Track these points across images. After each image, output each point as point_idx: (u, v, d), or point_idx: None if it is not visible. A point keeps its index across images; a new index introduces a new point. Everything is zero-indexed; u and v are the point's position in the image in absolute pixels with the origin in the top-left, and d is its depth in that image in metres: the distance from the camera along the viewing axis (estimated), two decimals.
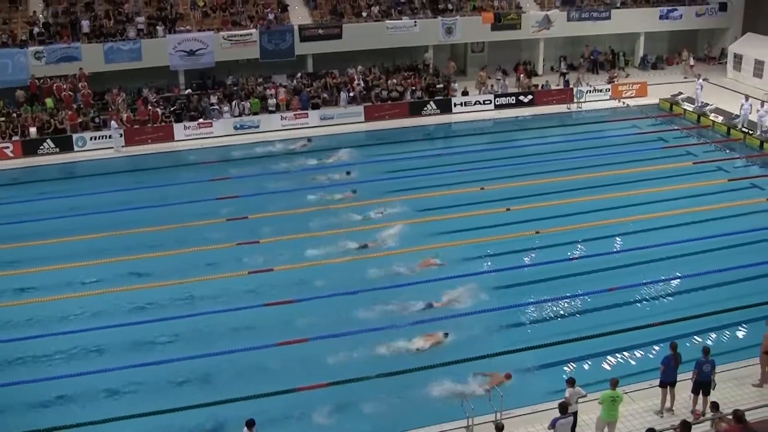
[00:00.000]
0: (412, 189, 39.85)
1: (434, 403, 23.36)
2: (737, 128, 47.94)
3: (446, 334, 26.57)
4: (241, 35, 51.54)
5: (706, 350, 22.33)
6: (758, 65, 56.88)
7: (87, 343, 26.98)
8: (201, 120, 48.55)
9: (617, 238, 34.51)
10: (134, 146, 46.50)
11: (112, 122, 46.43)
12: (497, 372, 24.40)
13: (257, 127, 49.26)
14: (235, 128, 48.91)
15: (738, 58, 58.89)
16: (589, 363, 25.40)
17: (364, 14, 55.14)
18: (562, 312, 28.84)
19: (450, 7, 57.16)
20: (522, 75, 56.82)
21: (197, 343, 26.88)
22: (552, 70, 60.90)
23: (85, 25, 50.06)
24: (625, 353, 26.23)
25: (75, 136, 46.13)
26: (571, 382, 21.39)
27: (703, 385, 22.14)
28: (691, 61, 60.60)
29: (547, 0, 59.80)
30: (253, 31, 51.88)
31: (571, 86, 55.46)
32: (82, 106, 47.81)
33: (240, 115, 49.47)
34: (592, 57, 60.89)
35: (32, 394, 24.48)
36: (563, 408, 20.16)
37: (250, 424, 20.16)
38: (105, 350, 26.71)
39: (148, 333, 27.49)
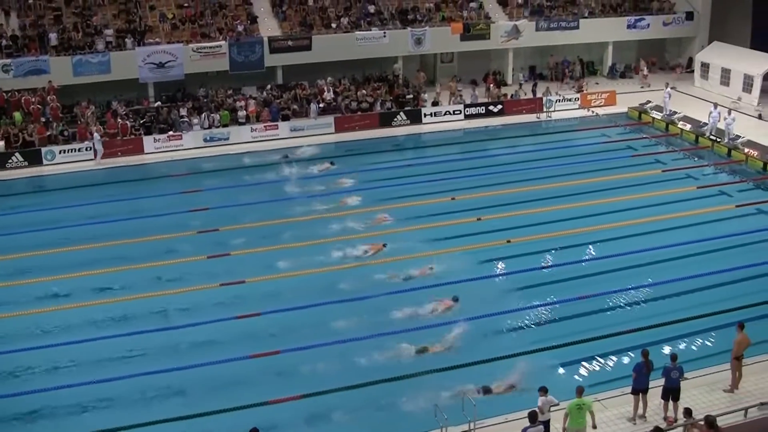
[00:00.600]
0: (383, 200, 39.84)
1: (408, 414, 23.38)
2: (705, 136, 48.32)
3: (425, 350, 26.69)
4: (210, 47, 51.47)
5: (673, 357, 22.57)
6: (725, 73, 57.39)
7: (58, 358, 26.78)
8: (171, 132, 48.36)
9: (587, 247, 34.70)
10: (103, 159, 46.19)
11: (95, 133, 46.27)
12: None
13: (227, 139, 49.16)
14: (205, 140, 48.78)
15: (705, 67, 59.40)
16: (562, 371, 25.47)
17: (334, 26, 55.20)
18: (533, 320, 28.91)
19: (419, 18, 57.33)
20: (491, 85, 57.02)
21: (170, 356, 26.77)
22: (521, 79, 61.16)
23: (53, 37, 49.81)
24: (598, 361, 26.37)
25: (44, 149, 45.82)
26: (543, 390, 21.48)
27: (672, 391, 22.31)
28: (645, 71, 61.01)
29: (516, 10, 60.12)
30: (223, 43, 51.84)
31: (540, 95, 55.67)
32: (50, 119, 47.53)
33: (210, 127, 49.36)
34: (562, 67, 61.20)
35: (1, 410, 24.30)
36: (533, 417, 20.25)
37: None
38: (76, 365, 26.52)
39: (120, 347, 27.31)
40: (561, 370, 25.53)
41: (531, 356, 26.11)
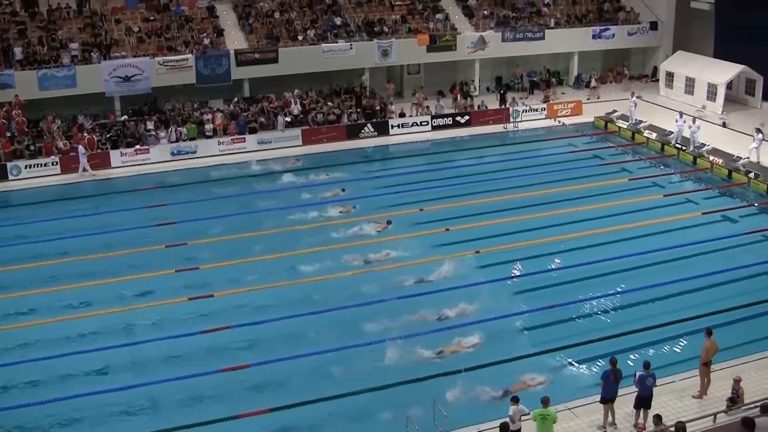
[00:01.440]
0: (350, 212, 39.83)
1: (379, 425, 23.42)
2: (671, 144, 48.70)
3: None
4: (176, 60, 51.31)
5: (646, 364, 22.60)
6: (689, 82, 57.86)
7: (22, 376, 26.54)
8: (138, 146, 48.11)
9: (555, 256, 34.81)
10: (70, 174, 45.92)
11: (80, 147, 46.07)
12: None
13: (194, 152, 48.96)
14: (173, 154, 48.55)
15: (670, 76, 59.86)
16: (532, 380, 25.46)
17: (300, 38, 55.17)
18: (501, 330, 28.86)
19: (385, 30, 57.42)
20: (458, 96, 57.17)
21: (138, 372, 26.64)
22: (488, 90, 61.47)
23: (18, 51, 49.45)
24: (568, 369, 26.46)
25: (9, 164, 45.46)
26: (515, 399, 21.55)
27: (645, 399, 22.38)
28: (593, 83, 61.31)
29: (482, 21, 60.35)
30: (189, 56, 51.70)
31: (506, 106, 55.88)
32: (16, 134, 47.19)
33: (177, 140, 49.17)
34: (528, 77, 61.46)
35: None
36: (504, 428, 20.27)
37: None
38: (42, 382, 26.26)
39: (87, 363, 27.11)
40: (530, 380, 25.50)
41: (499, 366, 26.25)
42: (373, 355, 27.04)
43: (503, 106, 55.99)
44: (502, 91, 58.60)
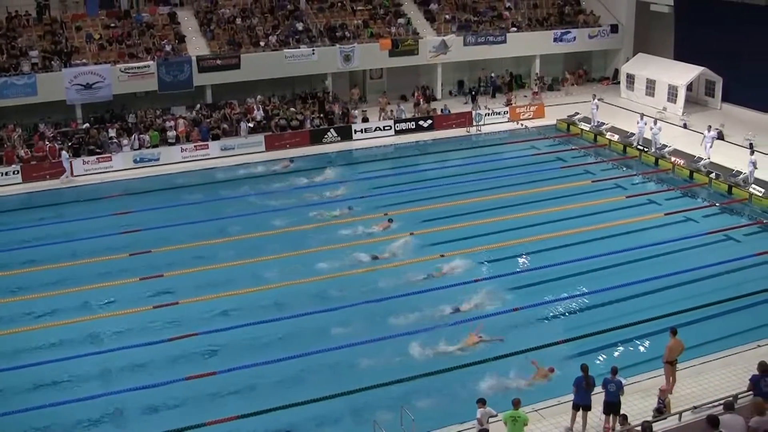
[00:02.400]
0: (315, 218, 39.75)
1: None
2: (633, 146, 49.07)
3: None
4: (138, 67, 51.03)
5: (613, 370, 22.72)
6: (650, 84, 58.36)
7: None
8: (100, 154, 47.79)
9: (520, 259, 35.01)
10: (32, 182, 45.56)
11: (63, 152, 45.98)
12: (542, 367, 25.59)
13: (157, 159, 48.70)
14: (135, 161, 48.26)
15: (631, 78, 60.33)
16: (497, 382, 25.49)
17: (262, 44, 55.09)
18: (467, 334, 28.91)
19: (347, 35, 57.43)
20: (421, 100, 57.30)
21: (103, 381, 26.54)
22: (450, 94, 61.65)
23: None
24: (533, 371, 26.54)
25: None
26: (481, 402, 21.60)
27: (609, 405, 22.47)
28: (535, 88, 61.56)
29: (444, 26, 60.53)
30: (151, 63, 51.45)
31: (476, 108, 56.12)
32: None
33: (140, 148, 48.90)
34: (490, 80, 61.66)
35: None
36: None
37: None
38: (7, 392, 26.08)
39: (53, 372, 26.92)
40: (496, 382, 25.57)
41: (465, 369, 26.36)
42: (340, 359, 27.17)
43: (475, 109, 56.15)
44: (473, 93, 58.99)
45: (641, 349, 27.87)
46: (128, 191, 44.67)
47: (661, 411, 21.91)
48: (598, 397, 22.86)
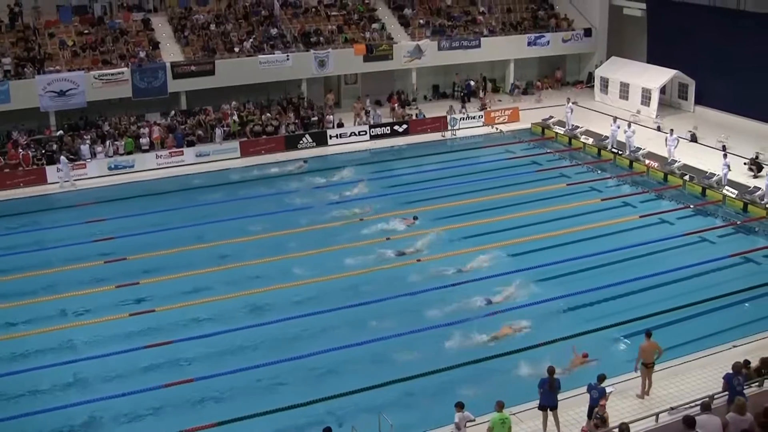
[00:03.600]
0: (288, 224, 39.59)
1: None
2: (607, 149, 49.31)
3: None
4: (112, 74, 50.84)
5: (600, 378, 22.88)
6: (624, 88, 58.72)
7: None
8: (74, 161, 47.53)
9: (496, 262, 34.94)
10: (5, 191, 45.29)
11: (62, 158, 45.91)
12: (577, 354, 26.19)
13: (132, 166, 48.48)
14: (110, 168, 48.03)
15: (604, 82, 60.65)
16: (475, 387, 25.51)
17: (237, 50, 55.00)
18: (445, 337, 28.87)
19: (322, 40, 57.42)
20: (396, 105, 57.35)
21: (80, 389, 26.42)
22: (425, 99, 61.77)
23: None
24: (511, 374, 26.54)
25: None
26: (459, 406, 21.63)
27: (592, 410, 22.55)
28: (482, 94, 61.29)
29: (418, 30, 60.61)
30: (125, 69, 51.24)
31: (464, 110, 56.28)
32: None
33: (114, 155, 48.68)
34: (465, 85, 61.74)
35: None
36: None
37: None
38: None
39: (30, 381, 26.78)
40: (472, 386, 25.59)
41: (442, 373, 26.41)
42: (308, 368, 27.29)
43: (463, 110, 56.66)
44: (464, 93, 60.12)
45: (618, 350, 27.97)
46: (103, 198, 44.33)
47: (598, 426, 21.94)
48: (580, 399, 22.97)
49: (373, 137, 54.11)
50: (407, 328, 29.18)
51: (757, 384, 22.39)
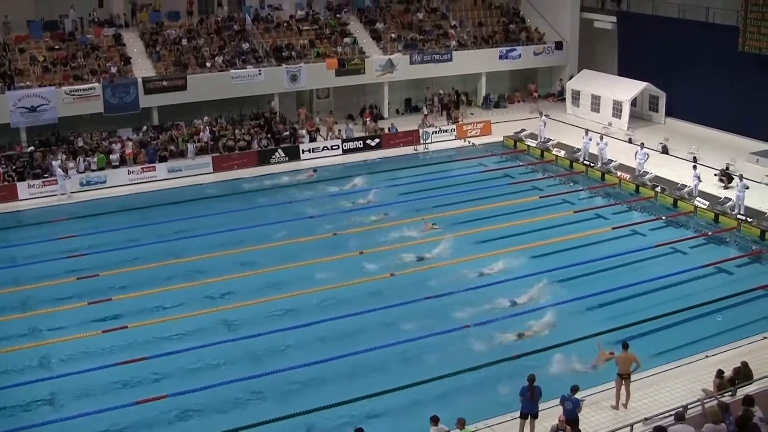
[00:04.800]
0: (259, 239, 39.35)
1: None
2: (579, 161, 49.53)
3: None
4: (83, 89, 50.61)
5: (573, 389, 22.89)
6: (595, 100, 59.02)
7: None
8: (46, 178, 47.31)
9: (470, 275, 34.96)
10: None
11: (58, 169, 45.96)
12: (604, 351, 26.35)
13: (104, 182, 48.20)
14: (82, 184, 47.76)
15: (576, 94, 60.97)
16: (443, 402, 25.55)
17: (208, 65, 54.93)
18: (416, 352, 28.93)
19: (294, 54, 57.43)
20: (368, 119, 57.40)
21: (52, 407, 26.25)
22: (398, 113, 61.86)
23: None
24: (485, 387, 26.63)
25: None
26: (434, 420, 21.58)
27: (570, 422, 22.59)
28: (426, 110, 61.02)
29: (390, 44, 60.75)
30: (96, 85, 51.04)
31: (417, 127, 56.34)
32: None
33: (86, 171, 48.43)
34: (438, 98, 61.88)
35: None
36: None
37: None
38: None
39: (2, 400, 26.56)
40: (442, 402, 25.59)
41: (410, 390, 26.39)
42: (286, 381, 27.17)
43: (422, 127, 56.55)
44: (445, 103, 60.53)
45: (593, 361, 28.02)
46: (75, 215, 44.05)
47: None
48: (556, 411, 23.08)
49: (345, 151, 54.05)
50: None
51: (730, 393, 22.52)
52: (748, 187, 40.61)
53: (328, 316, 31.27)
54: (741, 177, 41.41)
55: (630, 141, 52.61)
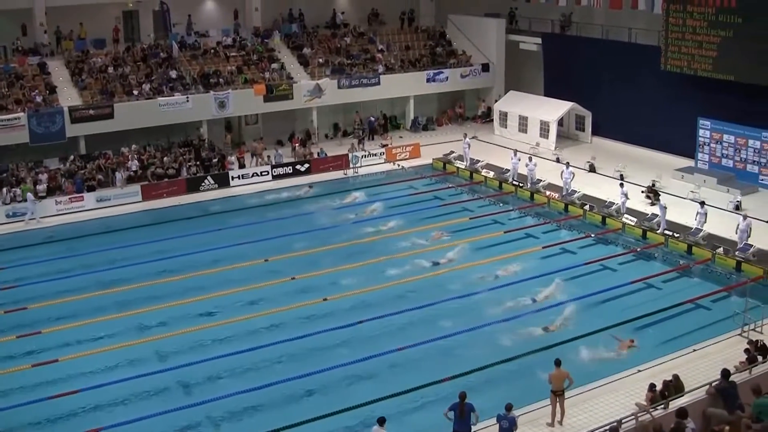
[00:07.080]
0: (194, 266, 39.10)
1: None
2: (508, 182, 49.94)
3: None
4: (8, 119, 49.84)
5: (507, 406, 23.08)
6: (522, 121, 59.66)
7: None
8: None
9: (403, 298, 35.03)
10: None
11: (29, 194, 45.81)
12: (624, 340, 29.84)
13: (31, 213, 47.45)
14: (8, 216, 46.93)
15: (503, 115, 61.53)
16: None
17: (135, 92, 54.51)
18: (346, 376, 29.02)
19: (221, 81, 57.26)
20: (297, 144, 57.32)
21: None
22: (326, 137, 61.91)
23: None
24: (419, 412, 26.70)
25: None
26: (380, 421, 21.89)
27: None
28: (359, 135, 61.78)
29: (317, 69, 60.85)
30: (21, 114, 50.30)
31: (347, 151, 56.39)
32: None
33: (11, 202, 47.66)
34: (367, 122, 62.03)
35: None
36: None
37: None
38: None
39: None
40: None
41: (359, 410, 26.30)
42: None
43: (352, 151, 56.59)
44: (363, 131, 61.32)
45: (528, 380, 28.09)
46: (2, 247, 43.23)
47: None
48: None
49: (275, 177, 53.88)
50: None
51: (662, 407, 22.83)
52: (666, 207, 41.69)
53: (260, 343, 31.09)
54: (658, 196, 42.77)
55: (557, 160, 53.19)
